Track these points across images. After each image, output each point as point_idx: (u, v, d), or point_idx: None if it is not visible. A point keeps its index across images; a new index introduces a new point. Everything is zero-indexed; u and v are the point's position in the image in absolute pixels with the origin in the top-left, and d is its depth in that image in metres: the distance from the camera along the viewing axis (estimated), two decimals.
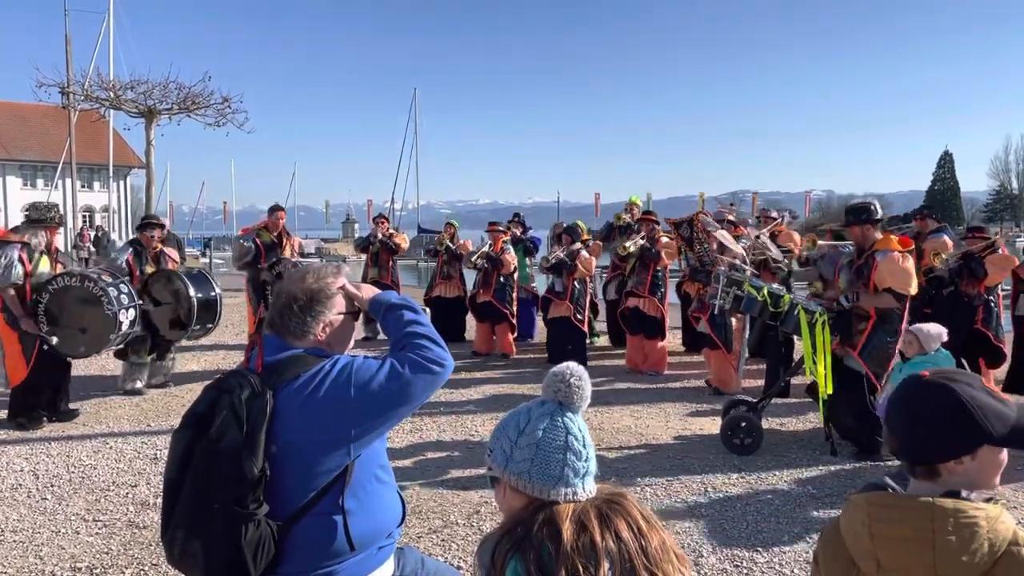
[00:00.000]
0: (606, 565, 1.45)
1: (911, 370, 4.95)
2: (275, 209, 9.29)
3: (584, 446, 1.61)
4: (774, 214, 9.87)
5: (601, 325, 10.95)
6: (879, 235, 5.70)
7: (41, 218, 6.52)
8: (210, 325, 7.39)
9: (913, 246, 5.91)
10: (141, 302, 6.89)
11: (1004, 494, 4.74)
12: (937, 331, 5.05)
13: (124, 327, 6.60)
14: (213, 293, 7.33)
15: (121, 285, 6.71)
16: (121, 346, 7.13)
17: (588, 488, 1.59)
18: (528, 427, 1.60)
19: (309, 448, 2.00)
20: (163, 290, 7.18)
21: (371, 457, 2.14)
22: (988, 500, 1.44)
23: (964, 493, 1.43)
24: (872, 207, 5.78)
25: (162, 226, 8.02)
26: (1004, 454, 1.47)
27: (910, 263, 5.54)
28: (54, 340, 6.35)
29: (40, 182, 49.41)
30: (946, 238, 7.84)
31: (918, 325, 5.21)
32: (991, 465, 1.47)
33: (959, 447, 1.45)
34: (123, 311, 6.55)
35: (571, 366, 1.66)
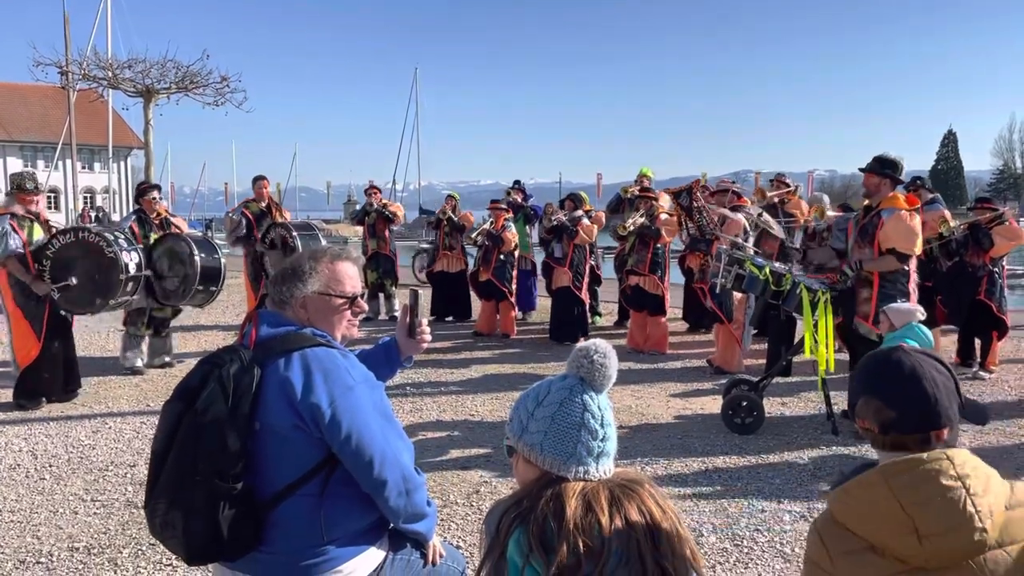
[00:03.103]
0: (611, 548, 1.42)
1: (891, 344, 4.93)
2: (258, 179, 9.29)
3: (602, 426, 1.57)
4: (788, 180, 9.79)
5: (610, 306, 10.91)
6: (889, 193, 5.54)
7: (12, 186, 6.44)
8: (213, 288, 7.35)
9: (919, 204, 5.81)
10: (141, 244, 6.86)
11: None
12: (908, 308, 5.05)
13: (131, 268, 6.52)
14: (216, 256, 7.32)
15: (117, 232, 6.67)
16: (137, 296, 6.90)
17: (603, 469, 1.56)
18: (546, 399, 1.58)
19: (286, 430, 1.98)
20: (165, 256, 7.09)
21: None
22: None
23: None
24: (900, 165, 5.59)
25: (158, 187, 8.00)
26: None
27: (917, 221, 5.43)
28: (63, 301, 6.31)
29: (40, 163, 49.35)
30: (942, 209, 7.80)
31: (891, 304, 5.18)
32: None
33: (955, 413, 1.51)
34: (125, 253, 6.48)
35: (598, 343, 1.62)
